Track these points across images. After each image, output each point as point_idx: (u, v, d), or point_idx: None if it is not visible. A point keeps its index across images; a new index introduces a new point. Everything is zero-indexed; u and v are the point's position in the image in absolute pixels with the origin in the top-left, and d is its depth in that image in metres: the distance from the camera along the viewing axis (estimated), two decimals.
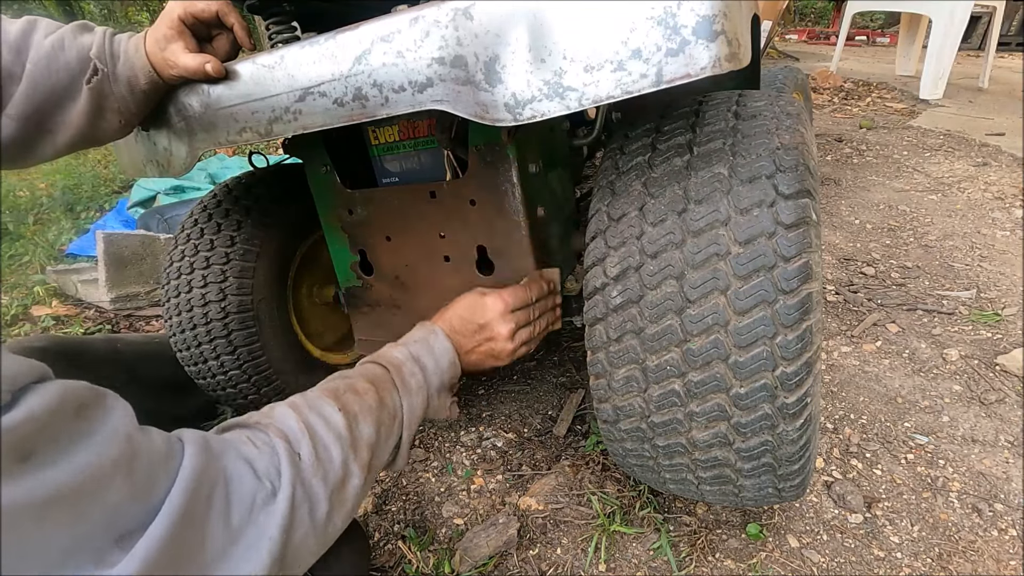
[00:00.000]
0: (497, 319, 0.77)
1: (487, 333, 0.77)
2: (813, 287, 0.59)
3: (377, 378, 0.65)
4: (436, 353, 0.72)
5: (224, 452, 0.45)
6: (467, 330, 0.77)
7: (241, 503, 0.43)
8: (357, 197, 0.96)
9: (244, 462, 0.46)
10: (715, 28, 0.47)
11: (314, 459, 0.51)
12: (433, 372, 0.71)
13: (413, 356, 0.70)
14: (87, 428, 0.35)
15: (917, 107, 3.95)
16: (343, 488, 0.53)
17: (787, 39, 8.50)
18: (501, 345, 0.78)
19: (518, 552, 0.95)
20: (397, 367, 0.67)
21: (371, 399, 0.60)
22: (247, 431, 0.51)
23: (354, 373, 0.65)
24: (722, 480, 0.72)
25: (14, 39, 0.64)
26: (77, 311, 1.96)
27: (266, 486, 0.46)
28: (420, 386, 0.68)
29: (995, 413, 1.19)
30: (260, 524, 0.44)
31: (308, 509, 0.49)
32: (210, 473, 0.42)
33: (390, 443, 0.63)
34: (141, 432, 0.39)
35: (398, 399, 0.65)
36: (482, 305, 0.78)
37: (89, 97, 0.68)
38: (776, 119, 0.67)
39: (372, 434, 0.58)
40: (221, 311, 1.03)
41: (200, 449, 0.42)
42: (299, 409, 0.54)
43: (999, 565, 0.88)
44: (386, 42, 0.58)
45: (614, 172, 0.72)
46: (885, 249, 1.96)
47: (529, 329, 0.82)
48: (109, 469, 0.34)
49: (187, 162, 0.78)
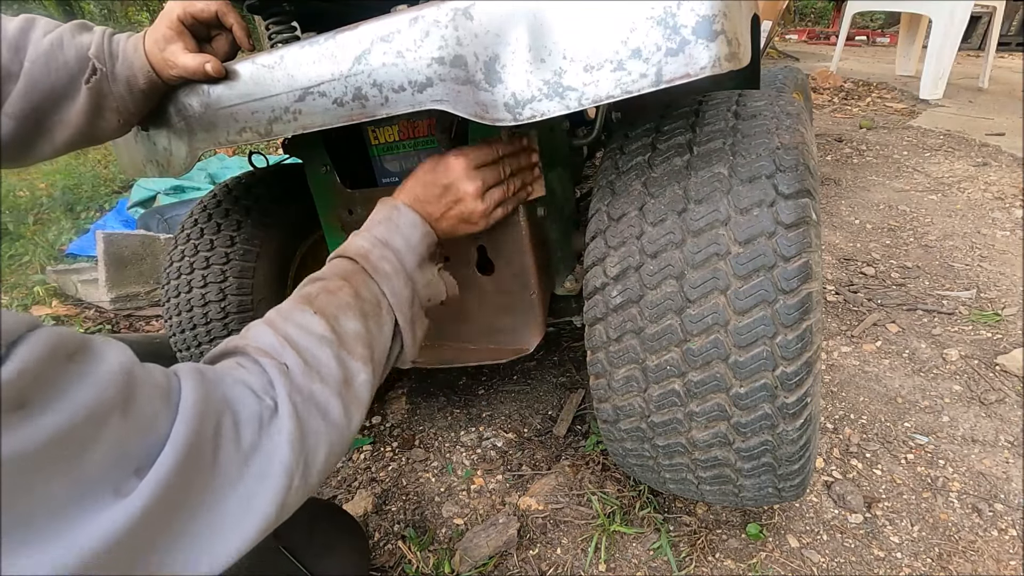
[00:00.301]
0: (461, 177, 0.72)
1: (453, 194, 0.72)
2: (813, 287, 0.59)
3: (347, 272, 0.63)
4: (403, 230, 0.69)
5: (220, 379, 0.45)
6: (432, 195, 0.73)
7: (249, 424, 0.44)
8: (357, 197, 0.96)
9: (241, 384, 0.46)
10: (715, 28, 0.47)
11: (303, 366, 0.50)
12: (405, 250, 0.68)
13: (380, 240, 0.67)
14: (79, 371, 0.35)
15: (917, 107, 3.95)
16: (350, 384, 0.53)
17: (787, 39, 8.50)
18: (471, 205, 0.73)
19: (518, 552, 0.95)
20: (364, 255, 0.65)
21: (346, 294, 0.59)
22: (232, 357, 0.51)
23: (325, 273, 0.63)
24: (722, 480, 0.72)
25: (12, 37, 0.64)
26: (77, 311, 1.96)
27: (267, 403, 0.46)
28: (396, 268, 0.66)
29: (995, 413, 1.19)
30: (271, 438, 0.44)
31: (318, 413, 0.49)
32: (213, 401, 0.42)
33: (385, 331, 0.61)
34: (138, 368, 0.39)
35: (375, 287, 0.63)
36: (444, 165, 0.73)
37: (87, 96, 0.68)
38: (776, 119, 0.67)
39: (359, 327, 0.57)
40: (221, 311, 1.03)
41: (198, 380, 0.42)
42: (274, 324, 0.54)
43: (999, 565, 0.88)
44: (386, 42, 0.58)
45: (614, 172, 0.72)
46: (885, 249, 1.96)
47: (502, 188, 0.77)
48: (107, 407, 0.35)
49: (187, 162, 0.78)
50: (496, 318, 0.94)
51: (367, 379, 0.55)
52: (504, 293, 0.91)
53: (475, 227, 0.76)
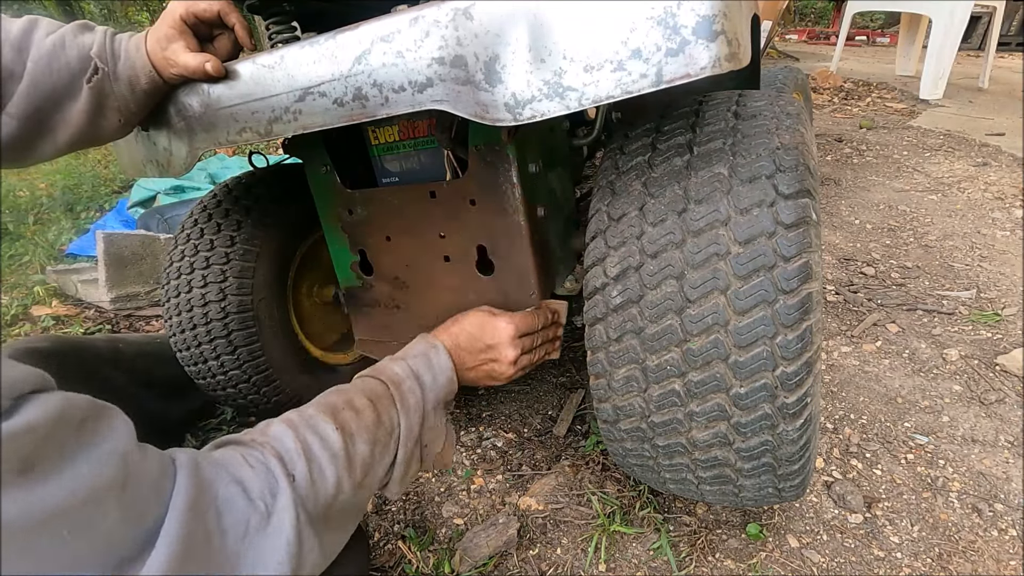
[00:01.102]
0: (506, 343, 0.77)
1: (493, 354, 0.78)
2: (813, 287, 0.59)
3: (376, 395, 0.64)
4: (435, 369, 0.72)
5: (216, 476, 0.44)
6: (473, 348, 0.77)
7: (235, 528, 0.42)
8: (357, 197, 0.96)
9: (236, 485, 0.45)
10: (715, 28, 0.47)
11: (309, 480, 0.50)
12: (430, 388, 0.70)
13: (413, 372, 0.69)
14: (87, 443, 0.34)
15: (917, 107, 3.95)
16: (340, 506, 0.54)
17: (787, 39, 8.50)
18: (503, 368, 0.78)
19: (518, 552, 0.95)
20: (397, 384, 0.66)
21: (369, 417, 0.60)
22: (242, 449, 0.50)
23: (353, 388, 0.64)
24: (722, 480, 0.72)
25: (15, 38, 0.64)
26: (77, 311, 1.96)
27: (259, 508, 0.45)
28: (418, 403, 0.67)
29: (995, 413, 1.19)
30: (257, 547, 0.43)
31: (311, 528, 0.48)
32: (203, 500, 0.41)
33: (385, 461, 0.62)
34: (138, 451, 0.38)
35: (396, 417, 0.64)
36: (493, 326, 0.78)
37: (89, 96, 0.68)
38: (776, 119, 0.67)
39: (367, 452, 0.58)
40: (221, 311, 1.03)
41: (192, 474, 0.41)
42: (296, 427, 0.54)
43: (999, 565, 0.88)
44: (386, 42, 0.58)
45: (614, 172, 0.72)
46: (885, 249, 1.96)
47: (530, 356, 0.83)
48: (105, 489, 0.34)
49: (187, 162, 0.78)
50: None
51: (356, 504, 0.57)
52: (504, 293, 0.91)
53: (496, 383, 0.81)
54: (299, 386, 1.16)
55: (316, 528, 0.50)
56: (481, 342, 0.77)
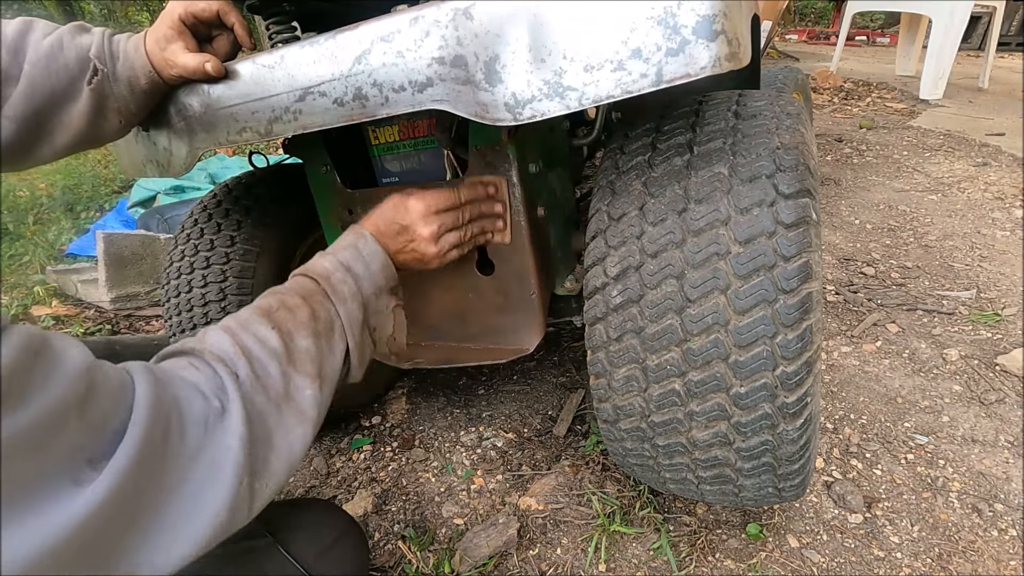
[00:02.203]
0: (418, 220, 0.76)
1: (409, 235, 0.76)
2: (813, 287, 0.59)
3: (307, 291, 0.65)
4: (366, 258, 0.72)
5: (171, 380, 0.47)
6: (391, 231, 0.76)
7: (195, 424, 0.45)
8: (357, 197, 0.96)
9: (190, 386, 0.47)
10: (715, 28, 0.47)
11: (252, 376, 0.52)
12: (365, 277, 0.71)
13: (342, 264, 0.70)
14: (44, 370, 0.36)
15: (917, 107, 3.95)
16: (291, 400, 0.55)
17: (787, 39, 8.50)
18: (424, 247, 0.77)
19: (518, 552, 0.95)
20: (326, 277, 0.67)
21: (303, 314, 0.61)
22: (185, 357, 0.52)
23: (286, 288, 0.66)
24: (722, 480, 0.72)
25: (11, 40, 0.64)
26: (77, 311, 1.96)
27: (214, 404, 0.47)
28: (353, 292, 0.68)
29: (995, 413, 1.19)
30: (217, 441, 0.46)
31: (261, 422, 0.51)
32: (163, 401, 0.43)
33: (336, 352, 0.64)
34: (95, 365, 0.41)
35: (332, 308, 0.65)
36: (404, 206, 0.77)
37: (89, 97, 0.67)
38: (776, 119, 0.67)
39: (310, 346, 0.59)
40: (221, 311, 1.03)
41: (151, 380, 0.44)
42: (232, 332, 0.55)
43: (999, 565, 0.88)
44: (386, 42, 0.58)
45: (614, 172, 0.72)
46: (885, 249, 1.96)
47: (458, 233, 0.80)
48: (68, 407, 0.36)
49: (187, 162, 0.78)
50: (496, 318, 0.94)
51: (313, 394, 0.57)
52: (504, 293, 0.91)
53: (428, 267, 0.79)
54: None
55: (269, 424, 0.52)
56: (396, 224, 0.76)
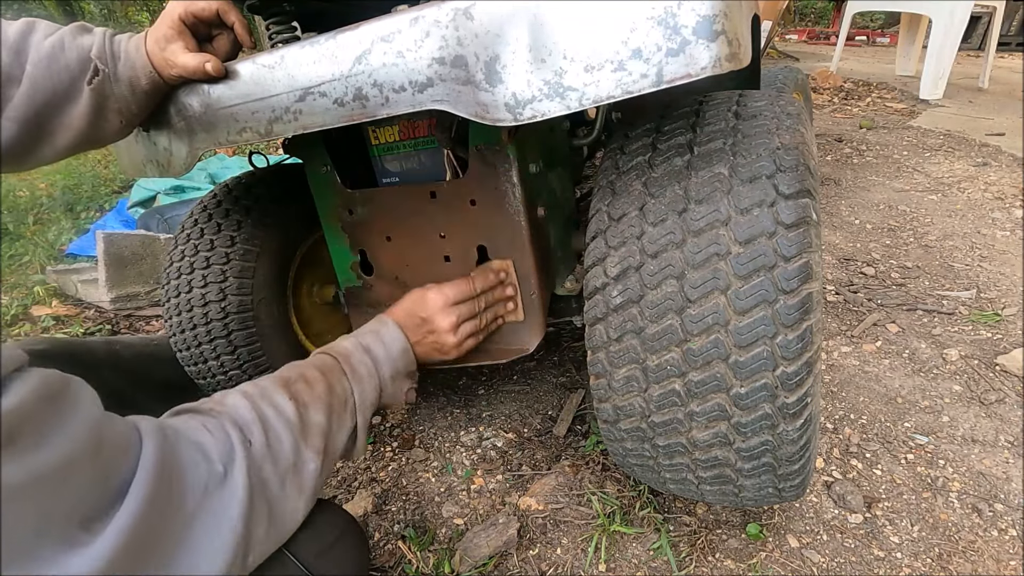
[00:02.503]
0: (438, 313, 0.79)
1: (429, 327, 0.80)
2: (813, 287, 0.59)
3: (326, 367, 0.67)
4: (386, 342, 0.75)
5: (179, 441, 0.47)
6: (412, 323, 0.80)
7: (194, 488, 0.45)
8: (357, 197, 0.96)
9: (196, 448, 0.48)
10: (715, 28, 0.47)
11: (265, 445, 0.53)
12: (384, 360, 0.73)
13: (363, 346, 0.73)
14: (61, 414, 0.36)
15: (917, 107, 3.95)
16: (297, 473, 0.56)
17: (787, 39, 8.50)
18: (443, 338, 0.80)
19: (518, 552, 0.95)
20: (346, 356, 0.70)
21: (320, 388, 0.63)
22: (200, 417, 0.53)
23: (306, 363, 0.67)
24: (722, 480, 0.72)
25: (13, 41, 0.64)
26: (77, 311, 1.96)
27: (217, 469, 0.47)
28: (370, 373, 0.71)
29: (995, 413, 1.19)
30: (215, 508, 0.46)
31: (263, 493, 0.51)
32: (168, 462, 0.44)
33: (344, 429, 0.65)
34: (106, 418, 0.41)
35: (348, 386, 0.67)
36: (423, 299, 0.81)
37: (90, 98, 0.68)
38: (776, 119, 0.67)
39: (323, 421, 0.61)
40: (221, 311, 1.03)
41: (158, 437, 0.44)
42: (251, 398, 0.56)
43: (999, 565, 0.88)
44: (386, 42, 0.58)
45: (614, 172, 0.72)
46: (885, 249, 1.96)
47: (475, 322, 0.84)
48: (79, 455, 0.36)
49: (187, 162, 0.78)
50: None
51: (315, 468, 0.59)
52: None
53: (447, 356, 0.83)
54: None
55: (271, 494, 0.52)
56: (417, 316, 0.80)
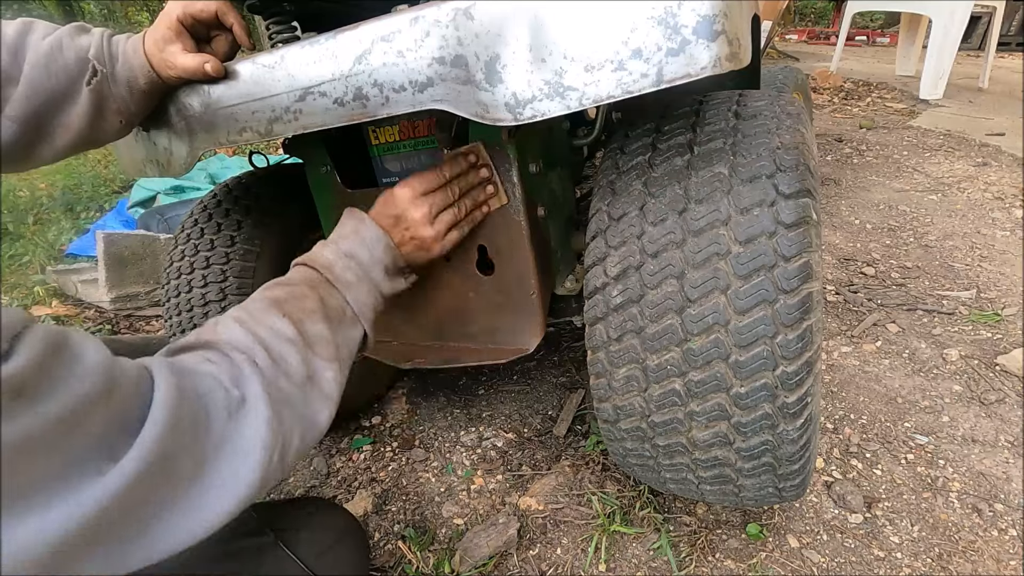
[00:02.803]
0: (408, 205, 0.75)
1: (404, 223, 0.76)
2: (813, 287, 0.59)
3: (312, 281, 0.66)
4: (369, 243, 0.72)
5: (190, 372, 0.47)
6: (387, 224, 0.76)
7: (217, 414, 0.46)
8: (357, 197, 0.96)
9: (210, 377, 0.48)
10: (715, 28, 0.47)
11: (271, 364, 0.53)
12: (370, 263, 0.71)
13: (344, 252, 0.70)
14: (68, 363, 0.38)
15: (917, 107, 3.95)
16: (314, 384, 0.56)
17: (787, 39, 8.50)
18: (421, 232, 0.76)
19: (518, 552, 0.95)
20: (328, 267, 0.68)
21: (312, 302, 0.62)
22: (199, 351, 0.53)
23: (289, 279, 0.66)
24: (722, 480, 0.72)
25: (10, 41, 0.64)
26: (77, 311, 1.96)
27: (235, 394, 0.48)
28: (359, 278, 0.69)
29: (995, 413, 1.19)
30: (241, 430, 0.47)
31: (286, 405, 0.52)
32: (185, 392, 0.44)
33: (351, 335, 0.65)
34: (114, 361, 0.42)
35: (339, 296, 0.66)
36: (391, 197, 0.76)
37: (89, 98, 0.67)
38: (776, 119, 0.67)
39: (324, 330, 0.60)
40: (221, 311, 1.03)
41: (169, 374, 0.45)
42: (245, 323, 0.56)
43: (999, 565, 0.88)
44: (386, 42, 0.58)
45: (614, 172, 0.72)
46: (885, 249, 1.96)
47: (453, 211, 0.78)
48: (93, 396, 0.38)
49: (187, 162, 0.78)
50: (496, 318, 0.94)
51: (333, 376, 0.59)
52: (504, 293, 0.91)
53: (430, 253, 0.78)
54: None
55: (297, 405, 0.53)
56: (389, 216, 0.76)
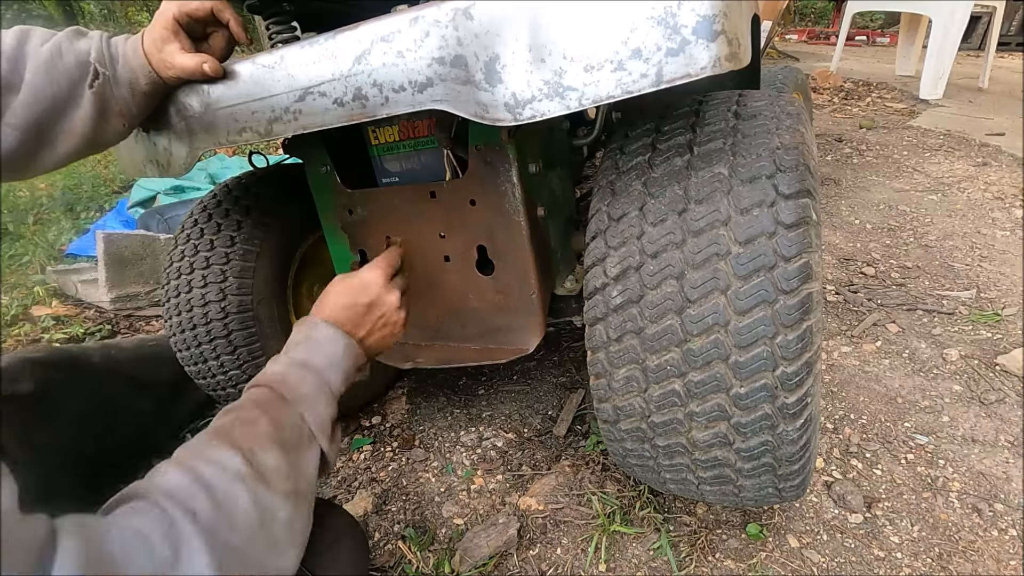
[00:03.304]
0: (382, 293, 0.73)
1: (378, 311, 0.73)
2: (813, 287, 0.59)
3: (263, 401, 0.60)
4: (325, 347, 0.67)
5: (107, 532, 0.41)
6: (355, 316, 0.72)
7: None
8: (357, 197, 0.96)
9: (132, 536, 0.42)
10: (715, 28, 0.47)
11: (213, 510, 0.46)
12: (328, 368, 0.66)
13: (297, 362, 0.65)
14: None
15: (917, 107, 3.95)
16: (267, 527, 0.49)
17: (787, 39, 8.50)
18: (395, 317, 0.74)
19: (518, 552, 0.95)
20: (281, 381, 0.63)
21: (263, 426, 0.56)
22: (131, 502, 0.47)
23: (241, 403, 0.60)
24: (722, 480, 0.72)
25: (9, 50, 0.63)
26: (77, 311, 1.96)
27: (163, 553, 0.42)
28: (317, 388, 0.64)
29: (995, 413, 1.19)
30: None
31: (236, 560, 0.46)
32: (92, 559, 0.38)
33: (308, 460, 0.59)
34: (17, 515, 0.36)
35: (295, 413, 0.60)
36: (362, 283, 0.73)
37: (92, 101, 0.67)
38: (776, 119, 0.67)
39: (278, 460, 0.54)
40: (221, 311, 1.03)
41: (80, 535, 0.38)
42: (183, 463, 0.50)
43: (999, 565, 0.88)
44: (386, 42, 0.58)
45: (614, 172, 0.72)
46: (885, 249, 1.96)
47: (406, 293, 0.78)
48: None
49: (187, 162, 0.78)
50: (496, 318, 0.94)
51: (287, 516, 0.52)
52: (504, 293, 0.91)
53: (399, 337, 0.77)
54: None
55: (246, 557, 0.47)
56: (359, 306, 0.72)
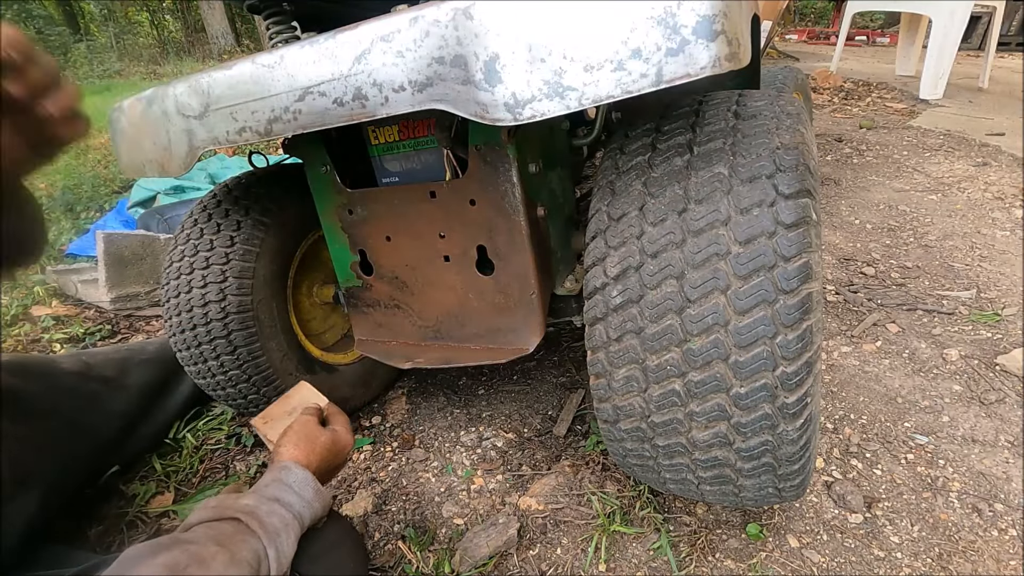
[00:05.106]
0: (350, 443, 0.83)
1: (343, 457, 0.82)
2: (813, 287, 0.59)
3: (225, 536, 0.58)
4: (296, 487, 0.68)
5: None
6: (329, 467, 0.80)
7: None
8: (357, 197, 0.96)
9: None
10: (715, 28, 0.47)
11: None
12: (300, 505, 0.67)
13: (269, 497, 0.65)
14: None
15: (917, 107, 3.95)
16: None
17: (787, 39, 8.50)
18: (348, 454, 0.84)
19: (518, 552, 0.95)
20: (250, 513, 0.61)
21: (219, 564, 0.54)
22: None
23: (198, 537, 0.58)
24: (722, 480, 0.72)
25: None
26: (77, 311, 1.96)
27: None
28: (287, 523, 0.63)
29: (995, 413, 1.19)
30: None
31: None
32: None
33: None
34: None
35: (260, 546, 0.59)
36: (342, 446, 0.81)
37: None
38: (776, 119, 0.67)
39: None
40: (221, 311, 1.03)
41: None
42: None
43: (999, 565, 0.88)
44: (386, 42, 0.58)
45: (614, 172, 0.72)
46: (885, 249, 1.96)
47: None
48: None
49: (187, 162, 0.78)
50: (496, 318, 0.94)
51: None
52: (504, 293, 0.91)
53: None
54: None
55: None
56: (336, 462, 0.81)
